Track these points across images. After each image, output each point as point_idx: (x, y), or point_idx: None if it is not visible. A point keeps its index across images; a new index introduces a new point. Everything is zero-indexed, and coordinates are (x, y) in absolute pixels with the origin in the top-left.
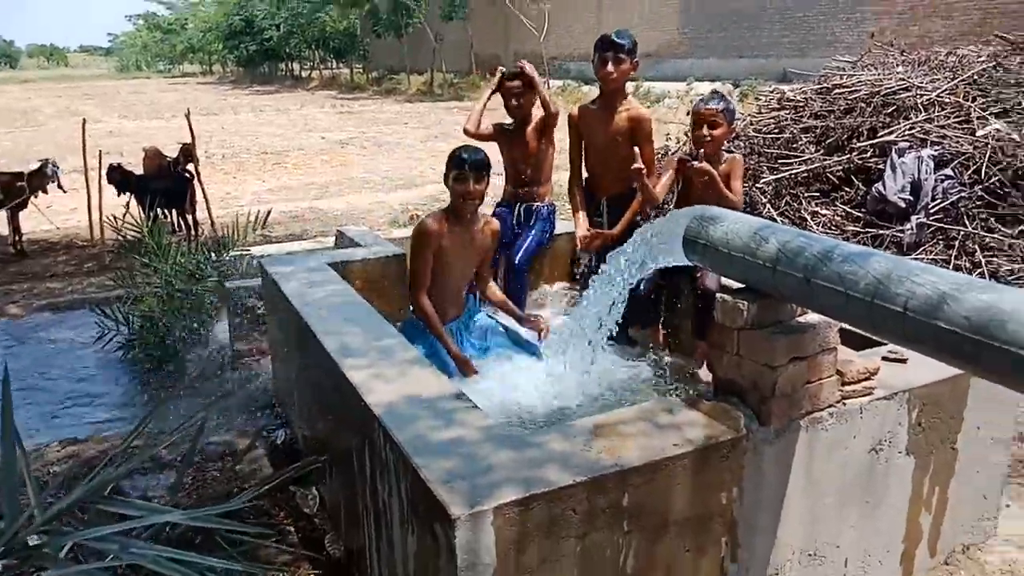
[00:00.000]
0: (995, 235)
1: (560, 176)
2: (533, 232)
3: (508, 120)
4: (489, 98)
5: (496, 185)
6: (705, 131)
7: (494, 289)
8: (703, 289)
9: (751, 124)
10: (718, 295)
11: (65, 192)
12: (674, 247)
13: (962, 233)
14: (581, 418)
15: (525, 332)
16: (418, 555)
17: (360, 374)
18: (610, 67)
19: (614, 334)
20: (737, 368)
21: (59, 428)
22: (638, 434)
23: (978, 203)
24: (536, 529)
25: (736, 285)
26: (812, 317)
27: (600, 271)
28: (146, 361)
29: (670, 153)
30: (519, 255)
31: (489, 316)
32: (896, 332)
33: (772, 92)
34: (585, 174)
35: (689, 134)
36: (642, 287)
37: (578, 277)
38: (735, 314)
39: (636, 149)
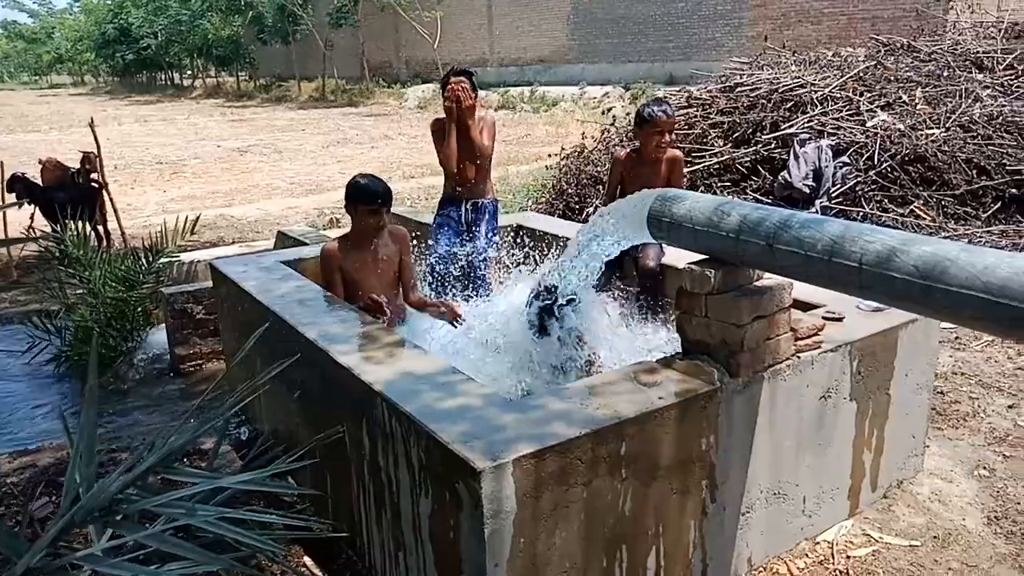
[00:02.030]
0: (889, 214)
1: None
2: (483, 231)
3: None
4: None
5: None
6: (666, 137)
7: (413, 295)
8: (645, 268)
9: None
10: (685, 266)
11: None
12: (639, 226)
13: (861, 214)
14: (572, 383)
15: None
16: (434, 515)
17: (350, 358)
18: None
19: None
20: (707, 329)
21: (3, 441)
22: (626, 392)
23: (872, 187)
24: (549, 478)
25: (677, 261)
26: (768, 280)
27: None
28: (81, 371)
29: (587, 151)
30: (480, 256)
31: None
32: (853, 284)
33: (680, 91)
34: None
35: (628, 135)
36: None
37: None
38: (703, 281)
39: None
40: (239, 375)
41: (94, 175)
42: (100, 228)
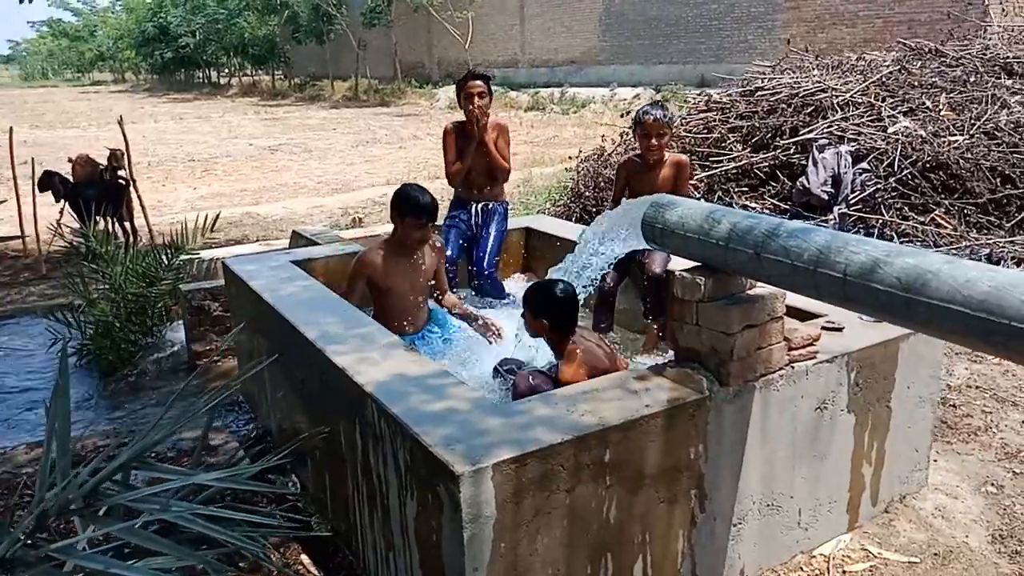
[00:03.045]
0: (909, 222)
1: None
2: (493, 232)
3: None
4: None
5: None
6: (654, 140)
7: (450, 298)
8: (651, 273)
9: (682, 126)
10: (676, 273)
11: None
12: (634, 232)
13: (880, 222)
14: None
15: (475, 333)
16: (419, 517)
17: (346, 359)
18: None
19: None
20: (697, 336)
21: (21, 433)
22: (613, 398)
23: (892, 194)
24: (530, 484)
25: (681, 267)
26: (760, 289)
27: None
28: (102, 365)
29: (606, 153)
30: (486, 260)
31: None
32: (837, 295)
33: (699, 95)
34: None
35: (633, 137)
36: (607, 281)
37: None
38: (694, 288)
39: None
40: (247, 372)
41: (121, 172)
42: (127, 224)
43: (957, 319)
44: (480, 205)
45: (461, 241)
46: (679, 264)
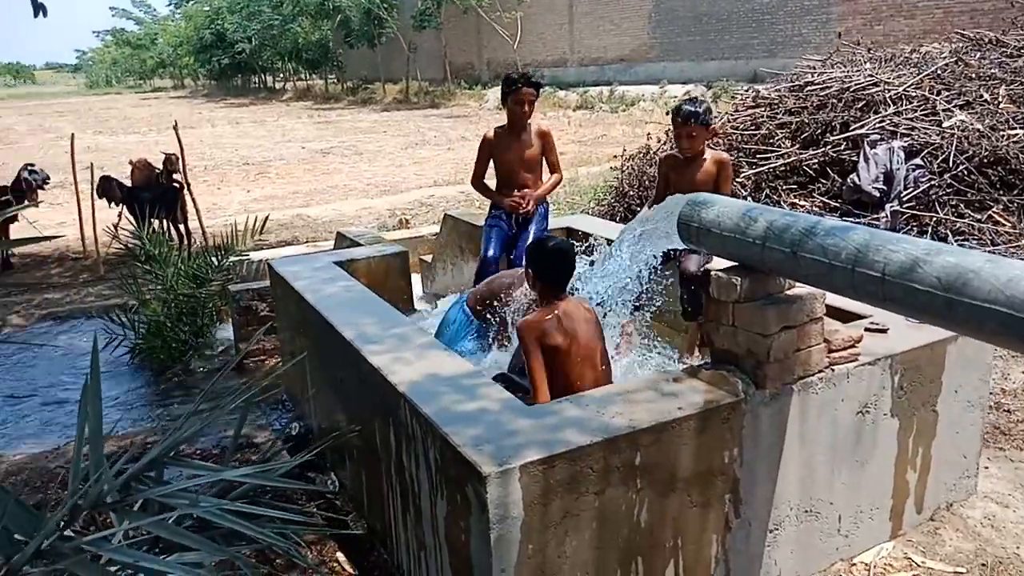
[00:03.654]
0: (965, 220)
1: None
2: (533, 232)
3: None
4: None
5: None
6: (687, 136)
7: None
8: (687, 274)
9: (728, 122)
10: (712, 273)
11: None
12: (671, 231)
13: (934, 219)
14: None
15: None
16: (449, 517)
17: (381, 359)
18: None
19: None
20: (733, 338)
21: (70, 430)
22: (645, 400)
23: (947, 190)
24: (558, 486)
25: (717, 266)
26: (799, 290)
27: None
28: (153, 364)
29: (651, 152)
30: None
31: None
32: (876, 295)
33: (747, 91)
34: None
35: (671, 134)
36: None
37: None
38: (729, 289)
39: None
40: (291, 371)
41: (176, 175)
42: (182, 227)
43: (999, 320)
44: None
45: (502, 241)
46: (718, 264)
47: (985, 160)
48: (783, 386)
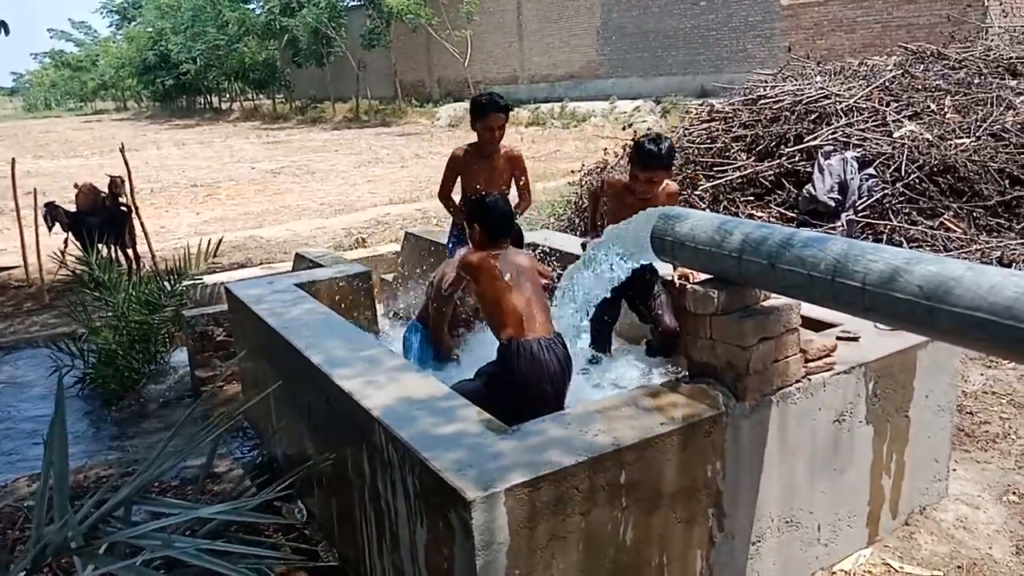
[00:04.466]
0: (918, 227)
1: None
2: None
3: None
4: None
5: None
6: (642, 188)
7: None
8: (667, 331)
9: (684, 136)
10: (688, 287)
11: None
12: (644, 246)
13: (888, 227)
14: (571, 408)
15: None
16: (430, 544)
17: (352, 383)
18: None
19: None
20: (711, 351)
21: (23, 465)
22: (627, 417)
23: (900, 199)
24: (544, 508)
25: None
26: (775, 301)
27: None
28: (105, 393)
29: (608, 168)
30: None
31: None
32: (857, 305)
33: (702, 105)
34: None
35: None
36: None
37: None
38: (707, 302)
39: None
40: (253, 398)
41: (122, 199)
42: (130, 251)
43: (983, 327)
44: None
45: None
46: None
47: (935, 169)
48: (762, 397)
